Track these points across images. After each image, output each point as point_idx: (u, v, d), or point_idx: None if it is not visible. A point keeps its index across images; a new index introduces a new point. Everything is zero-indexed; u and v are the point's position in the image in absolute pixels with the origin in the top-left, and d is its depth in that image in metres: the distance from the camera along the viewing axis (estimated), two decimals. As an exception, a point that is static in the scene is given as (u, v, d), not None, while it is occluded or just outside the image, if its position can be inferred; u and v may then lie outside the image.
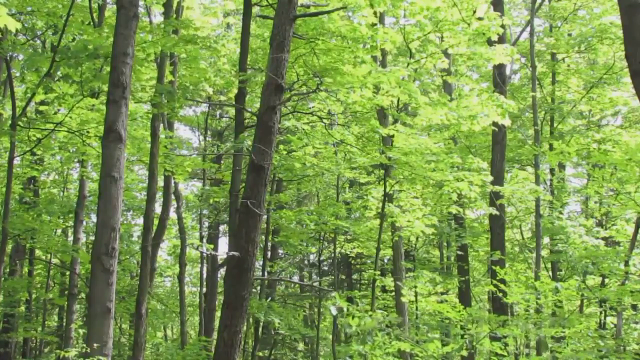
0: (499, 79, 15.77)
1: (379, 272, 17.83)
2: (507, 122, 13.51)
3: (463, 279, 19.65)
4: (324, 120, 12.66)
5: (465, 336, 7.50)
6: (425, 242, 24.15)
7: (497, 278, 12.57)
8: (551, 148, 16.93)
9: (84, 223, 17.15)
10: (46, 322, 23.90)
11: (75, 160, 18.13)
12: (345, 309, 6.30)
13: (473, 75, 21.56)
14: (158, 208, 18.43)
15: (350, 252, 23.22)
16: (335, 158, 16.13)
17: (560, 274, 18.69)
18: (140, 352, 12.57)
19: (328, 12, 10.24)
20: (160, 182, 17.43)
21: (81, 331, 20.72)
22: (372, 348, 7.16)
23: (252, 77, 12.28)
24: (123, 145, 8.00)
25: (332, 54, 11.43)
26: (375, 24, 12.68)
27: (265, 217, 16.61)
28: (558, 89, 19.27)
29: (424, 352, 6.95)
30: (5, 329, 19.88)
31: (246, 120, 12.84)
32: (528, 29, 17.19)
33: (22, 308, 21.31)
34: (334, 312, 6.13)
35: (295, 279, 27.06)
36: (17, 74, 14.79)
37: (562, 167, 20.01)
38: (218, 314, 13.19)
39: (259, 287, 21.17)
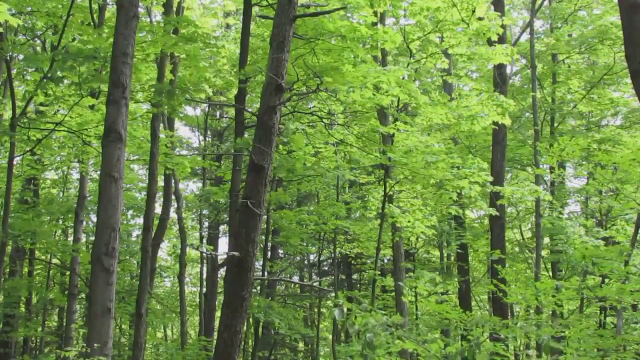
0: (499, 79, 15.77)
1: (379, 272, 17.83)
2: (507, 121, 13.52)
3: (463, 279, 19.66)
4: (324, 120, 12.66)
5: (468, 337, 7.50)
6: (425, 242, 24.15)
7: (498, 277, 12.59)
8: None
9: (84, 223, 17.15)
10: (46, 322, 23.90)
11: (75, 160, 18.14)
12: (346, 310, 6.29)
13: (473, 75, 21.56)
14: (158, 208, 18.43)
15: (350, 252, 23.21)
16: (335, 158, 16.12)
17: (560, 274, 18.68)
18: (140, 352, 12.57)
19: (328, 12, 10.23)
20: (160, 182, 17.43)
21: (81, 331, 20.72)
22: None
23: (252, 75, 12.26)
24: (123, 145, 7.99)
25: (332, 54, 11.42)
26: (375, 24, 12.68)
27: (265, 217, 16.63)
28: (558, 90, 19.27)
29: (427, 352, 6.95)
30: (5, 329, 19.87)
31: (246, 120, 12.83)
32: (528, 29, 17.19)
33: (22, 308, 21.30)
34: (338, 316, 6.10)
35: (295, 279, 27.05)
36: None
37: (562, 167, 20.00)
38: (218, 314, 13.19)
39: (259, 287, 21.16)
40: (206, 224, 25.73)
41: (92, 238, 16.32)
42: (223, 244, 37.34)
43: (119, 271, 13.59)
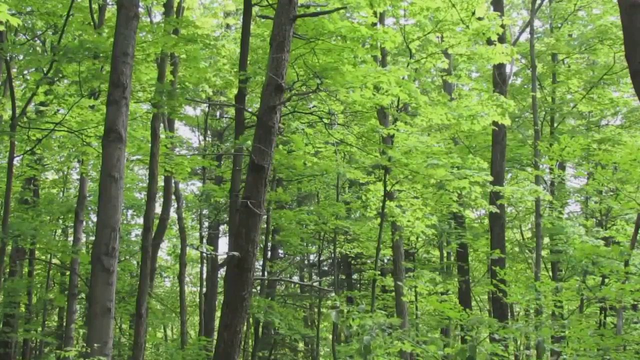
0: (499, 79, 15.77)
1: (379, 272, 17.82)
2: (507, 121, 13.52)
3: (463, 279, 19.66)
4: (324, 120, 12.65)
5: (466, 337, 7.50)
6: (425, 242, 24.17)
7: (497, 278, 12.58)
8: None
9: (84, 223, 17.15)
10: (46, 322, 23.89)
11: (75, 160, 18.13)
12: (345, 311, 6.29)
13: (473, 75, 21.56)
14: (158, 208, 18.43)
15: (350, 252, 23.22)
16: (335, 158, 16.11)
17: (560, 274, 18.68)
18: (140, 352, 12.57)
19: (328, 12, 10.22)
20: (160, 182, 17.43)
21: (81, 331, 20.71)
22: (373, 348, 7.17)
23: (252, 76, 12.27)
24: (123, 145, 8.00)
25: (332, 54, 11.41)
26: (375, 24, 12.67)
27: (265, 217, 16.63)
28: (558, 90, 19.27)
29: (425, 352, 6.95)
30: (5, 329, 19.87)
31: (246, 120, 12.82)
32: (528, 29, 17.19)
33: (22, 308, 21.30)
34: (335, 318, 6.09)
35: (295, 279, 27.05)
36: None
37: (562, 167, 20.00)
38: (218, 314, 13.20)
39: (259, 287, 21.16)
40: (206, 224, 25.74)
41: (92, 238, 16.31)
42: (223, 244, 37.30)
43: (119, 271, 13.59)
